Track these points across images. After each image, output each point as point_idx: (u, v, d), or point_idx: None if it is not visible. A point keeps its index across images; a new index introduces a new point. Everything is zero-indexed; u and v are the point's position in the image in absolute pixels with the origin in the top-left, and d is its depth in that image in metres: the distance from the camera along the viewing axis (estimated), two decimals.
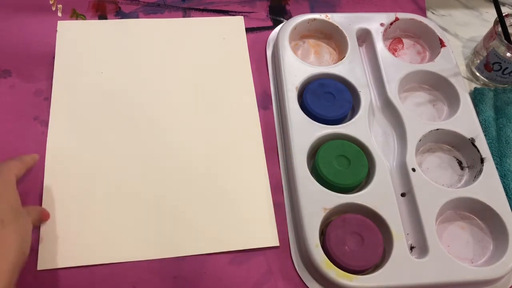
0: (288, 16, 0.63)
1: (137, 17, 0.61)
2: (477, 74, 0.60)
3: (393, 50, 0.61)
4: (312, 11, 0.64)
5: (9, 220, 0.34)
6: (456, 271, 0.44)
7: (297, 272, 0.46)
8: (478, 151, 0.51)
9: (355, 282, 0.42)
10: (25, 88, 0.54)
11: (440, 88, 0.57)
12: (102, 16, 0.61)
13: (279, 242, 0.47)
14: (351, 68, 0.55)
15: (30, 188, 0.48)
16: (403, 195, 0.49)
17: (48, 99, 0.53)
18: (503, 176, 0.50)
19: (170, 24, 0.61)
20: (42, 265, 0.44)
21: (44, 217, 0.45)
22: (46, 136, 0.51)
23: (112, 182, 0.49)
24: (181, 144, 0.52)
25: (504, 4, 0.68)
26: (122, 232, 0.46)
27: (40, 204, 0.47)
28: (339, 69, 0.55)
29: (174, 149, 0.52)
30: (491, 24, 0.57)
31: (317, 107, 0.52)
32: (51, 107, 0.53)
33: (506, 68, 0.57)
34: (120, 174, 0.49)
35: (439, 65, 0.57)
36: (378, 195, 0.47)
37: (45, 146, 0.50)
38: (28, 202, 0.47)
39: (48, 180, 0.48)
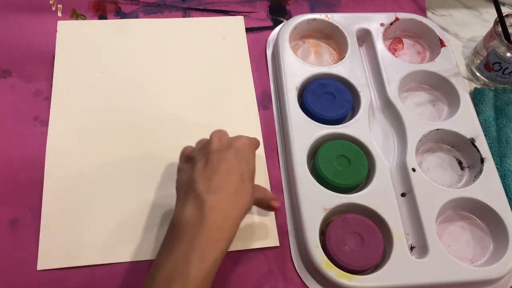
0: (288, 16, 0.63)
1: (137, 17, 0.61)
2: (477, 74, 0.60)
3: (393, 50, 0.61)
4: (312, 11, 0.64)
5: (246, 178, 0.40)
6: (456, 271, 0.44)
7: (297, 272, 0.46)
8: (478, 151, 0.51)
9: (355, 282, 0.42)
10: (25, 88, 0.54)
11: (440, 88, 0.57)
12: (102, 16, 0.61)
13: (279, 242, 0.47)
14: (351, 68, 0.55)
15: (30, 187, 0.48)
16: (403, 195, 0.49)
17: (48, 99, 0.53)
18: (503, 176, 0.50)
19: (170, 24, 0.61)
20: (42, 265, 0.44)
21: (273, 204, 0.43)
22: (46, 136, 0.51)
23: (112, 182, 0.49)
24: (181, 144, 0.52)
25: (504, 4, 0.68)
26: (123, 232, 0.46)
27: (40, 204, 0.47)
28: (339, 69, 0.55)
29: (174, 149, 0.51)
30: (491, 24, 0.57)
31: (317, 107, 0.52)
32: (51, 107, 0.53)
33: (506, 68, 0.57)
34: (120, 174, 0.49)
35: (439, 65, 0.57)
36: (378, 195, 0.47)
37: (45, 146, 0.50)
38: (28, 201, 0.47)
39: (48, 180, 0.48)
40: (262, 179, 0.50)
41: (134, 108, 0.54)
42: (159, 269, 0.35)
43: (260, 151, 0.52)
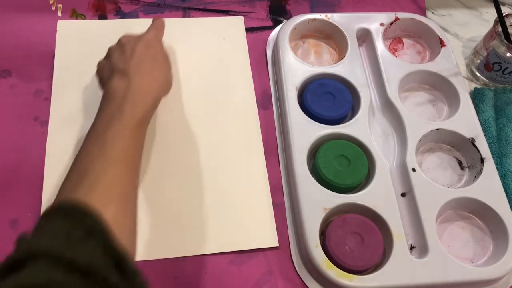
0: (288, 16, 0.63)
1: (137, 16, 0.61)
2: (477, 74, 0.60)
3: (393, 50, 0.60)
4: (312, 11, 0.64)
5: (159, 57, 0.48)
6: (456, 271, 0.44)
7: (297, 272, 0.46)
8: (478, 151, 0.51)
9: (355, 282, 0.42)
10: (25, 88, 0.54)
11: (440, 88, 0.57)
12: (102, 16, 0.61)
13: (279, 242, 0.47)
14: (351, 68, 0.55)
15: (30, 188, 0.48)
16: (403, 195, 0.49)
17: (48, 99, 0.53)
18: (503, 176, 0.50)
19: (170, 24, 0.60)
20: None
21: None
22: (46, 136, 0.51)
23: None
24: (181, 144, 0.52)
25: (504, 4, 0.68)
26: None
27: (40, 204, 0.47)
28: (339, 69, 0.55)
29: (173, 149, 0.51)
30: (491, 24, 0.57)
31: (317, 107, 0.52)
32: (51, 107, 0.53)
33: (506, 68, 0.57)
34: None
35: (439, 65, 0.57)
36: (378, 195, 0.47)
37: (45, 146, 0.50)
38: (28, 201, 0.47)
39: (48, 180, 0.48)
40: (262, 179, 0.50)
41: None
42: (97, 122, 0.41)
43: (260, 151, 0.52)
